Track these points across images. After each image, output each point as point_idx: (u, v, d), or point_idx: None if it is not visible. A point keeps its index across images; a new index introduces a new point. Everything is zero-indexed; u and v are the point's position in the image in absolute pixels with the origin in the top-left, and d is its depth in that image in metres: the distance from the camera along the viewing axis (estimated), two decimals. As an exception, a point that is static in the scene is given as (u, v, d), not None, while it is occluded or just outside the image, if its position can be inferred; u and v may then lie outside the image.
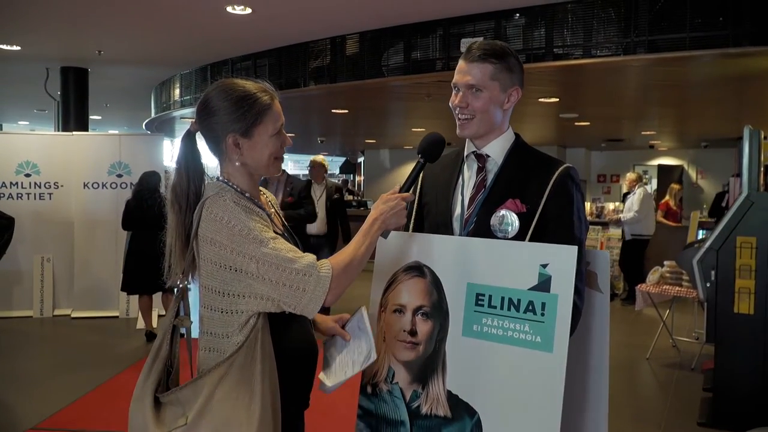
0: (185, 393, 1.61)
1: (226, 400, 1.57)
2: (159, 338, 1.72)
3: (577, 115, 11.14)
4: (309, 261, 1.58)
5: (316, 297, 1.56)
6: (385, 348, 1.84)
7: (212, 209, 1.61)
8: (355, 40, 8.20)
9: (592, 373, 1.88)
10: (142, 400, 1.64)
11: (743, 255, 4.36)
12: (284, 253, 1.57)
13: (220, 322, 1.63)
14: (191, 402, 1.59)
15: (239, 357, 1.58)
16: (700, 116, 11.35)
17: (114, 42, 8.81)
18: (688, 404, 4.87)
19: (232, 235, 1.58)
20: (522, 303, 1.65)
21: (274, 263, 1.55)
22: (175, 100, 11.28)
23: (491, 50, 1.85)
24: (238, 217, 1.59)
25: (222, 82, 1.75)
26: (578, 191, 1.86)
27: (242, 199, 1.67)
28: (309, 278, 1.56)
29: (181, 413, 1.60)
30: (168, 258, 1.72)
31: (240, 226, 1.58)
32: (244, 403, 1.57)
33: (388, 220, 1.70)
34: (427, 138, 1.88)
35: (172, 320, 1.71)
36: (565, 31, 6.72)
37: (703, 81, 7.76)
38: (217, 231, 1.59)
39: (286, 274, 1.55)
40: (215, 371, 1.58)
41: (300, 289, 1.55)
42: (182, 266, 1.70)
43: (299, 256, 1.58)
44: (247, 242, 1.57)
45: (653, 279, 6.25)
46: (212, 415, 1.56)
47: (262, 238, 1.57)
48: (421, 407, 1.76)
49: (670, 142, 16.29)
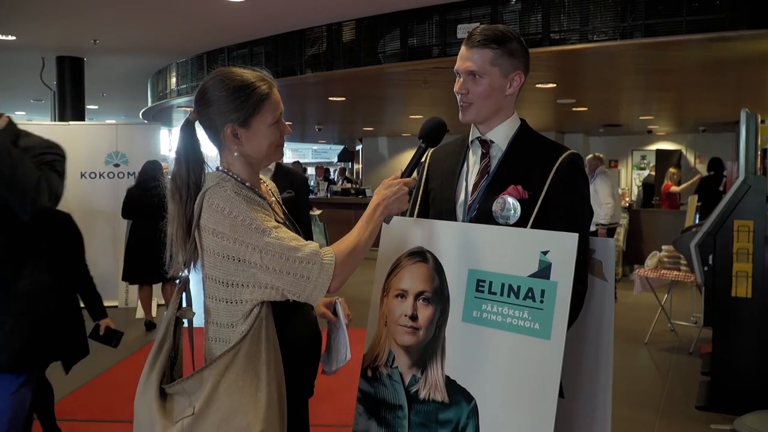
0: (191, 383, 1.60)
1: (232, 389, 1.57)
2: (162, 330, 1.70)
3: (575, 101, 11.13)
4: (312, 249, 1.58)
5: (320, 284, 1.57)
6: (386, 332, 1.85)
7: (213, 200, 1.61)
8: (351, 27, 8.17)
9: (594, 361, 1.88)
10: (147, 393, 1.64)
11: (740, 239, 4.37)
12: (287, 241, 1.57)
13: (225, 312, 1.63)
14: (197, 392, 1.59)
15: (244, 346, 1.58)
16: (698, 101, 11.34)
17: (109, 31, 8.78)
18: (687, 388, 4.90)
19: (234, 226, 1.57)
20: (522, 290, 1.65)
21: (278, 252, 1.55)
22: (172, 89, 11.25)
23: (492, 35, 1.83)
24: (239, 207, 1.59)
25: (219, 70, 1.73)
26: (582, 178, 1.86)
27: (243, 188, 1.66)
28: (312, 266, 1.56)
29: (188, 403, 1.60)
30: (169, 248, 1.71)
31: (242, 217, 1.58)
32: (250, 391, 1.57)
33: (391, 205, 1.69)
34: (428, 122, 1.88)
35: (175, 311, 1.71)
36: (562, 16, 6.70)
37: (700, 65, 7.75)
38: (218, 222, 1.59)
39: (290, 263, 1.55)
40: (220, 360, 1.58)
41: (304, 277, 1.56)
42: (184, 257, 1.69)
43: (302, 244, 1.58)
44: (249, 232, 1.57)
45: (651, 263, 6.27)
46: (219, 403, 1.56)
47: (264, 227, 1.57)
48: (419, 392, 1.77)
49: (668, 126, 16.29)
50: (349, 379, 2.03)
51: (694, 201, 7.83)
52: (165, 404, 1.63)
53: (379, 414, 1.84)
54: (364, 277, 2.04)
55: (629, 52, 6.89)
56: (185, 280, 1.75)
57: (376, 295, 1.89)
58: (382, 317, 1.87)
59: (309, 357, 1.80)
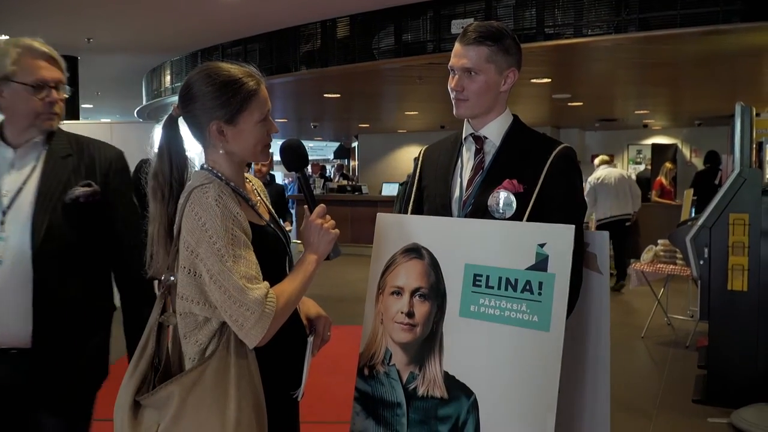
0: (158, 397, 1.55)
1: (199, 408, 1.52)
2: (144, 336, 1.65)
3: (570, 96, 11.12)
4: (257, 296, 1.49)
5: (252, 336, 1.50)
6: (382, 330, 1.84)
7: (195, 207, 1.54)
8: (345, 23, 8.16)
9: (593, 354, 1.88)
10: (121, 402, 1.60)
11: (736, 232, 4.37)
12: (237, 278, 1.48)
13: (181, 323, 1.59)
14: (165, 407, 1.54)
15: (213, 362, 1.53)
16: (694, 94, 11.34)
17: (103, 29, 8.75)
18: (683, 382, 4.90)
19: (200, 240, 1.51)
20: (519, 283, 1.65)
21: (223, 286, 1.49)
22: (167, 87, 11.23)
23: (487, 32, 1.84)
24: (212, 220, 1.51)
25: (206, 65, 1.66)
26: (576, 171, 1.87)
27: (224, 195, 1.56)
28: (251, 315, 1.48)
29: (155, 420, 1.56)
30: (149, 248, 1.66)
31: (210, 232, 1.50)
32: (218, 409, 1.52)
33: (321, 250, 1.66)
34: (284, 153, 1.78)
35: (158, 317, 1.65)
36: (556, 11, 6.70)
37: (695, 59, 7.75)
38: (190, 231, 1.53)
39: (230, 303, 1.48)
40: (186, 377, 1.53)
41: (239, 323, 1.49)
42: (166, 259, 1.64)
43: (251, 287, 1.49)
44: (210, 253, 1.50)
45: (647, 258, 6.27)
46: (185, 422, 1.52)
47: (224, 252, 1.49)
48: (417, 389, 1.75)
49: (664, 120, 16.29)
50: (343, 378, 2.02)
51: (690, 194, 7.84)
52: (137, 417, 1.58)
53: (377, 412, 1.83)
54: (359, 275, 2.03)
55: (624, 46, 6.89)
56: (169, 284, 1.67)
57: (371, 292, 1.87)
58: (377, 315, 1.86)
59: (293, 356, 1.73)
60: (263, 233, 1.64)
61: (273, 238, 1.70)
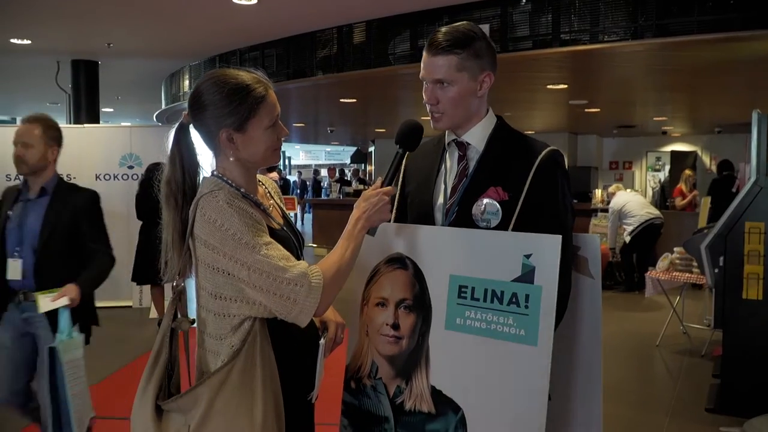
0: (186, 400, 1.57)
1: (227, 408, 1.53)
2: (158, 342, 1.65)
3: (587, 102, 11.06)
4: (300, 270, 1.52)
5: (307, 307, 1.52)
6: (368, 342, 1.79)
7: (205, 210, 1.55)
8: (361, 28, 8.19)
9: (584, 360, 1.84)
10: (143, 409, 1.60)
11: (752, 240, 4.33)
12: (276, 261, 1.51)
13: (214, 324, 1.59)
14: (192, 410, 1.55)
15: (239, 362, 1.55)
16: (713, 101, 11.23)
17: (123, 35, 8.86)
18: (697, 390, 4.85)
19: (224, 239, 1.52)
20: (505, 295, 1.59)
21: (265, 271, 1.50)
22: (185, 91, 11.34)
23: (454, 39, 1.73)
24: (230, 220, 1.53)
25: (214, 73, 1.67)
26: (563, 176, 1.78)
27: (236, 198, 1.59)
28: (300, 288, 1.50)
29: (183, 422, 1.57)
30: (164, 254, 1.67)
31: (233, 230, 1.52)
32: (246, 410, 1.53)
33: (372, 218, 1.65)
34: (404, 126, 1.80)
35: (170, 322, 1.66)
36: (573, 17, 6.67)
37: (713, 65, 7.67)
38: (210, 233, 1.54)
39: (277, 284, 1.50)
40: (215, 377, 1.54)
41: (291, 300, 1.50)
42: (179, 264, 1.65)
43: (291, 264, 1.52)
44: (239, 247, 1.51)
45: (663, 266, 6.21)
46: (215, 422, 1.53)
47: (254, 243, 1.51)
48: (405, 403, 1.71)
49: (683, 128, 16.14)
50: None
51: (707, 202, 7.77)
52: (161, 422, 1.59)
53: (365, 427, 1.79)
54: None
55: (641, 52, 6.84)
56: (180, 290, 1.69)
57: (355, 304, 1.83)
58: (363, 327, 1.81)
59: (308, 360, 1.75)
60: (276, 237, 1.64)
61: (286, 242, 1.69)
